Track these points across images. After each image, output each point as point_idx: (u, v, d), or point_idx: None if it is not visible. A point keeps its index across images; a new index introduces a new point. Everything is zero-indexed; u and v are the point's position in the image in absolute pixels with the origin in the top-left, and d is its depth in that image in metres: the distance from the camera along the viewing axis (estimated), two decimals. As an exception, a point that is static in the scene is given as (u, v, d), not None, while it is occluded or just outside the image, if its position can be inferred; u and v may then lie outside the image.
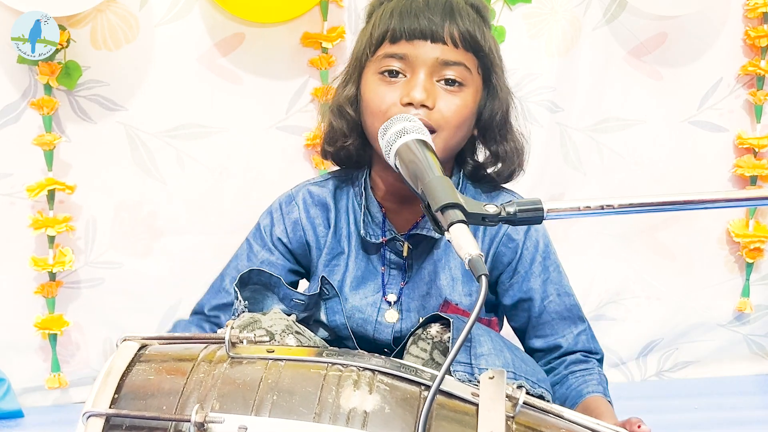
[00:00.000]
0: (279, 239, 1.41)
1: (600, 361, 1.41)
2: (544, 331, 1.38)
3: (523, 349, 1.36)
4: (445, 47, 1.27)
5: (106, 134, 2.07)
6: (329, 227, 1.39)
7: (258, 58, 2.10)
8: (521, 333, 1.42)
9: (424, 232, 1.34)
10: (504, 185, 1.42)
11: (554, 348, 1.39)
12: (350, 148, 1.36)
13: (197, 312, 1.46)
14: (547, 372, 1.37)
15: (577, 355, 1.39)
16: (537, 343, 1.39)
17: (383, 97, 1.28)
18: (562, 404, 1.30)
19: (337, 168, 1.46)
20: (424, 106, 1.25)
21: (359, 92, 1.33)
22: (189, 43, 2.06)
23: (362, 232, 1.35)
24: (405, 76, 1.28)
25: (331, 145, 1.38)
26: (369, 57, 1.31)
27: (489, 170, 1.38)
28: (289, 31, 2.09)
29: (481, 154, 1.40)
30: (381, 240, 1.35)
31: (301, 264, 1.43)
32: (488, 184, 1.40)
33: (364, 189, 1.37)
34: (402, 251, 1.35)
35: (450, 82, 1.27)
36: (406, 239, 1.35)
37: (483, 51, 1.30)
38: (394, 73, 1.28)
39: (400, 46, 1.27)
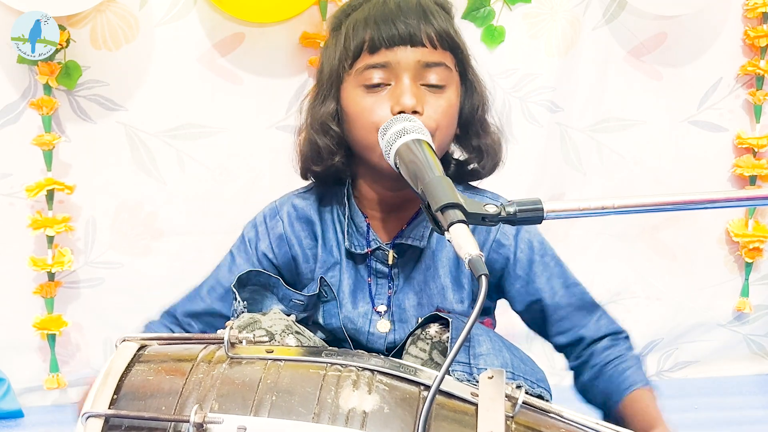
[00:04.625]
0: (264, 254, 1.38)
1: (627, 338, 1.40)
2: (563, 327, 1.37)
3: (522, 349, 1.35)
4: (425, 49, 1.25)
5: (106, 134, 2.07)
6: (316, 240, 1.37)
7: (258, 58, 2.10)
8: (542, 333, 1.41)
9: (408, 242, 1.33)
10: (482, 187, 1.41)
11: (579, 340, 1.37)
12: (338, 164, 1.33)
13: (170, 314, 1.44)
14: (581, 366, 1.37)
15: (604, 342, 1.37)
16: (560, 339, 1.38)
17: (372, 110, 1.25)
18: (606, 400, 1.31)
19: None
20: (415, 112, 1.24)
21: (340, 107, 1.31)
22: (189, 43, 2.06)
23: (347, 243, 1.34)
24: (389, 84, 1.26)
25: (318, 164, 1.34)
26: (346, 70, 1.28)
27: (472, 166, 1.36)
28: (288, 31, 2.09)
29: (457, 152, 1.39)
30: (366, 251, 1.34)
31: (286, 279, 1.40)
32: (468, 183, 1.39)
33: (348, 200, 1.35)
34: (387, 260, 1.35)
35: (434, 83, 1.26)
36: (391, 248, 1.34)
37: (459, 48, 1.30)
38: (377, 84, 1.26)
39: (381, 54, 1.25)
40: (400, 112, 1.23)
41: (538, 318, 1.39)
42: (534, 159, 2.23)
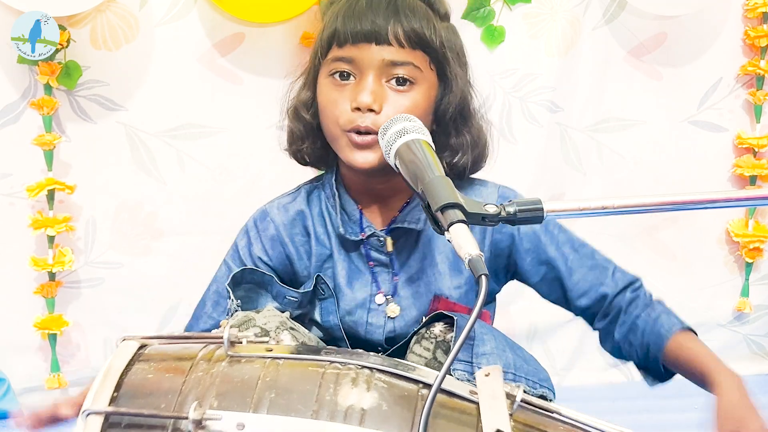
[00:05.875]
0: (259, 258, 1.39)
1: (642, 285, 1.40)
2: (582, 288, 1.37)
3: (525, 348, 1.35)
4: (391, 48, 1.25)
5: (106, 134, 2.07)
6: (308, 235, 1.38)
7: (258, 58, 2.10)
8: (563, 301, 1.40)
9: (406, 225, 1.33)
10: (473, 176, 1.40)
11: (601, 298, 1.37)
12: (307, 149, 1.36)
13: None
14: (610, 324, 1.36)
15: (627, 294, 1.37)
16: (583, 301, 1.38)
17: (335, 103, 1.27)
18: (647, 352, 1.33)
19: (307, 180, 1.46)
20: (371, 110, 1.25)
21: (315, 96, 1.33)
22: (189, 43, 2.06)
23: (341, 229, 1.34)
24: (355, 77, 1.27)
25: (291, 145, 1.39)
26: (321, 60, 1.31)
27: (447, 161, 1.33)
28: (288, 31, 2.09)
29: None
30: (360, 236, 1.35)
31: (283, 280, 1.39)
32: (457, 177, 1.38)
33: (337, 189, 1.36)
34: (385, 247, 1.35)
35: (399, 81, 1.26)
36: (387, 234, 1.35)
37: (432, 46, 1.28)
38: (344, 75, 1.27)
39: (347, 49, 1.27)
40: (357, 109, 1.25)
41: (555, 286, 1.39)
42: (534, 159, 2.23)
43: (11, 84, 2.01)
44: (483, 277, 0.91)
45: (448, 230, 0.98)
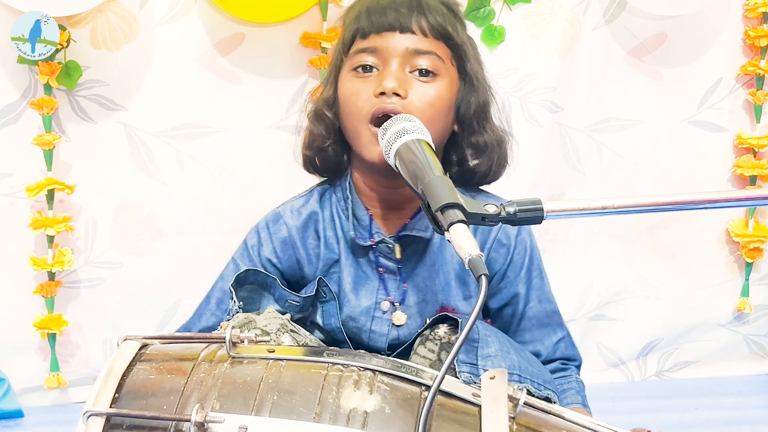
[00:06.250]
0: (268, 260, 1.38)
1: (578, 367, 1.42)
2: (523, 338, 1.38)
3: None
4: (415, 37, 1.27)
5: (106, 134, 2.07)
6: (319, 238, 1.37)
7: (258, 58, 2.10)
8: None
9: (414, 233, 1.32)
10: (488, 190, 1.40)
11: (534, 355, 1.37)
12: (329, 150, 1.35)
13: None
14: None
15: (556, 364, 1.39)
16: None
17: (358, 93, 1.27)
18: None
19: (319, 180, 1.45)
20: (396, 95, 1.25)
21: (337, 94, 1.33)
22: (189, 43, 2.06)
23: (351, 233, 1.34)
24: (378, 70, 1.28)
25: (309, 149, 1.37)
26: (343, 58, 1.31)
27: (471, 164, 1.35)
28: (288, 31, 2.09)
29: (456, 152, 1.37)
30: (369, 242, 1.34)
31: (290, 283, 1.39)
32: (474, 187, 1.38)
33: (350, 192, 1.35)
34: (393, 254, 1.34)
35: (423, 72, 1.27)
36: (396, 241, 1.34)
37: (454, 40, 1.30)
38: (367, 68, 1.28)
39: (371, 40, 1.28)
40: (381, 94, 1.25)
41: (505, 321, 1.39)
42: (534, 159, 2.23)
43: (11, 84, 2.00)
44: (483, 277, 0.91)
45: (447, 230, 0.98)
